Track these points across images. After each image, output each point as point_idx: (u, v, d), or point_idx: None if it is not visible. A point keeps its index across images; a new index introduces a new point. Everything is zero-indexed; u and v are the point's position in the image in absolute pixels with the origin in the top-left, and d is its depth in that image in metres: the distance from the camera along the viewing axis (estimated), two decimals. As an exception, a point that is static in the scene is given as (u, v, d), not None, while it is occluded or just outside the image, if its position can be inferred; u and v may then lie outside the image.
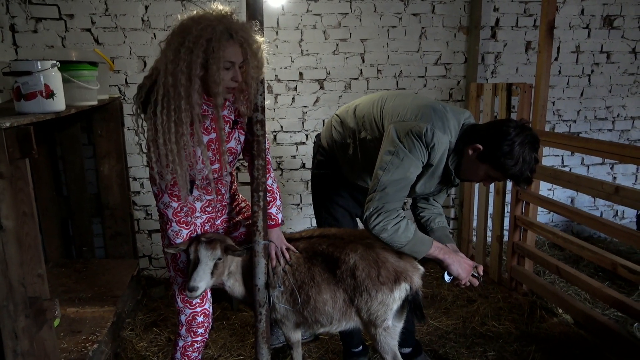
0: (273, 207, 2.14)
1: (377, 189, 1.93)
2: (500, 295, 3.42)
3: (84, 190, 3.49)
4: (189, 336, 2.15)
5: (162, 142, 1.74)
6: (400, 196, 1.94)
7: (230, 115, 1.97)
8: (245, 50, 1.73)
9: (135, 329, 3.12)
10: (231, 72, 1.74)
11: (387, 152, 1.94)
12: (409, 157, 1.90)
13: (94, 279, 3.17)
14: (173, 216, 1.99)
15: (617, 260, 2.49)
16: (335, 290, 2.09)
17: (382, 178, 1.92)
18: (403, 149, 1.90)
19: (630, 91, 4.43)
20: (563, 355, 2.70)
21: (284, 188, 4.00)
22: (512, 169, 1.81)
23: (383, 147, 1.97)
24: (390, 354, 2.14)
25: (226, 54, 1.70)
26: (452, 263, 2.02)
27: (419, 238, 1.96)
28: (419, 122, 1.92)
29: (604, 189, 2.50)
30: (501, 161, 1.82)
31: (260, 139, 1.98)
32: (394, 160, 1.91)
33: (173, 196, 1.96)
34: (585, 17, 4.18)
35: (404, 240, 1.92)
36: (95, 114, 3.27)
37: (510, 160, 1.80)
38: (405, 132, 1.91)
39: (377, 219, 1.91)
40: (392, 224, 1.90)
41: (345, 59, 3.85)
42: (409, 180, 1.94)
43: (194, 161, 1.89)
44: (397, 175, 1.91)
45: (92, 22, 3.45)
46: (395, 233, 1.91)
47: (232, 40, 1.70)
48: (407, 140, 1.91)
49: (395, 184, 1.91)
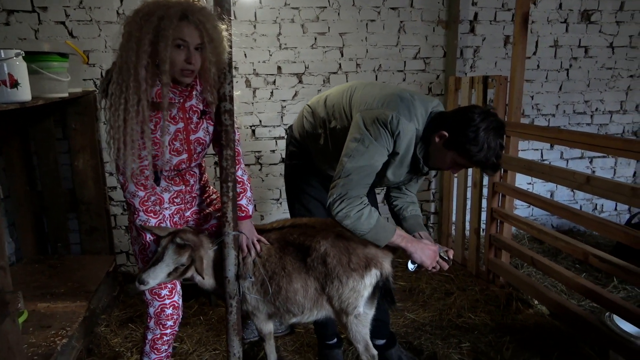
0: (243, 198, 2.13)
1: (342, 175, 1.92)
2: (478, 287, 3.43)
3: (59, 185, 3.44)
4: (157, 329, 2.12)
5: (112, 121, 1.73)
6: (365, 183, 1.93)
7: (198, 105, 1.94)
8: (202, 32, 1.71)
9: (110, 325, 3.08)
10: (184, 53, 1.72)
11: (353, 139, 1.93)
12: (374, 145, 1.89)
13: (68, 275, 3.13)
14: (140, 205, 1.97)
15: (589, 250, 2.51)
16: (307, 279, 2.08)
17: (346, 165, 1.91)
18: (369, 137, 1.90)
19: (608, 85, 4.46)
20: (537, 345, 2.71)
21: (263, 183, 3.98)
22: (476, 155, 1.80)
23: (349, 135, 1.97)
24: (362, 342, 2.13)
25: (177, 32, 1.67)
26: (415, 251, 2.01)
27: (382, 225, 1.96)
28: (385, 110, 1.91)
29: (576, 179, 2.51)
30: (466, 147, 1.81)
31: (228, 129, 1.96)
32: (359, 148, 1.90)
33: (139, 185, 1.93)
34: (563, 11, 4.20)
35: (367, 228, 1.91)
36: (69, 107, 3.23)
37: (475, 146, 1.79)
38: (372, 120, 1.91)
39: (340, 205, 1.90)
40: (355, 211, 1.89)
41: (324, 53, 3.84)
42: (374, 168, 1.93)
43: (161, 151, 1.87)
44: (362, 162, 1.90)
45: (66, 14, 3.40)
46: (358, 220, 1.90)
47: (187, 21, 1.69)
48: (373, 128, 1.90)
49: (359, 171, 1.90)
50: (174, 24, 1.65)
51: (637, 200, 2.16)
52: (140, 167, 1.87)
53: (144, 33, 1.65)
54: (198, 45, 1.74)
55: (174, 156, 1.93)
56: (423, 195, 4.32)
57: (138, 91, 1.71)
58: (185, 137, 1.93)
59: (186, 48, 1.71)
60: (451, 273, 3.68)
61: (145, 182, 1.92)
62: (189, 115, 1.91)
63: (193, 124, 1.93)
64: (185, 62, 1.72)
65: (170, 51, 1.68)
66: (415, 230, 2.22)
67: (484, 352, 2.67)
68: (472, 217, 3.64)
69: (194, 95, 1.92)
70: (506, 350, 2.66)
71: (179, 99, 1.87)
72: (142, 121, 1.76)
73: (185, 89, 1.87)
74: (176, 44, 1.69)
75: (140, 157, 1.84)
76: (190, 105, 1.91)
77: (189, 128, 1.92)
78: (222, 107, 1.93)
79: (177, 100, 1.87)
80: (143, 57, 1.68)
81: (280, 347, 2.81)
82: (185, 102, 1.90)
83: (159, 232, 1.99)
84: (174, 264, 1.95)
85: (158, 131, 1.84)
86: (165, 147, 1.87)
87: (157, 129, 1.84)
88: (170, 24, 1.64)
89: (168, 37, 1.65)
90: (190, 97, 1.90)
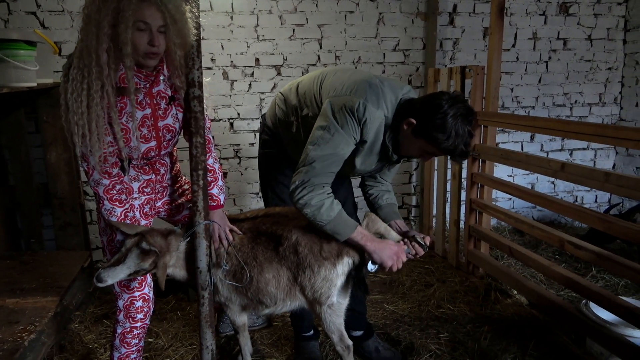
0: (215, 187, 2.08)
1: (306, 163, 1.88)
2: (458, 279, 3.42)
3: (31, 180, 3.36)
4: (127, 322, 2.07)
5: (75, 107, 1.67)
6: (329, 172, 1.90)
7: (166, 90, 1.90)
8: (164, 13, 1.66)
9: (84, 321, 3.02)
10: (146, 35, 1.67)
11: (319, 127, 1.90)
12: (340, 133, 1.86)
13: (40, 271, 3.05)
14: (104, 194, 1.91)
15: (564, 237, 2.51)
16: (279, 269, 2.04)
17: (310, 153, 1.88)
18: (335, 124, 1.86)
19: (587, 78, 4.49)
20: (515, 334, 2.70)
21: (242, 176, 3.93)
22: (444, 142, 1.77)
23: (317, 122, 1.93)
24: (337, 333, 2.10)
25: (138, 14, 1.63)
26: (374, 250, 1.93)
27: (343, 220, 1.90)
28: (353, 97, 1.87)
29: (551, 167, 2.51)
30: (433, 135, 1.78)
31: (198, 116, 1.91)
32: (324, 136, 1.87)
33: (104, 173, 1.88)
34: (542, 3, 4.22)
35: (326, 219, 1.87)
36: (39, 99, 3.15)
37: (442, 134, 1.76)
38: (339, 107, 1.87)
39: (302, 193, 1.86)
40: (315, 199, 1.85)
41: (303, 45, 3.80)
42: (339, 157, 1.89)
43: (128, 137, 1.82)
44: (326, 150, 1.86)
45: (37, 4, 3.33)
46: (318, 210, 1.85)
47: (148, 2, 1.64)
48: (340, 115, 1.86)
49: (323, 159, 1.86)
50: (134, 4, 1.60)
51: (610, 185, 2.16)
52: (104, 155, 1.82)
53: (103, 15, 1.60)
54: (161, 27, 1.69)
55: (142, 143, 1.88)
56: (404, 188, 4.31)
57: (101, 76, 1.67)
58: (153, 124, 1.88)
59: (148, 30, 1.66)
60: (431, 265, 3.67)
61: (110, 170, 1.87)
62: (156, 101, 1.87)
63: (161, 110, 1.89)
64: (148, 44, 1.68)
65: (132, 33, 1.63)
66: (392, 219, 2.19)
67: (462, 342, 2.66)
68: (451, 209, 3.64)
69: (161, 81, 1.87)
70: (484, 339, 2.65)
71: (144, 84, 1.82)
72: (108, 106, 1.72)
73: (150, 73, 1.82)
74: (138, 26, 1.64)
75: (105, 144, 1.79)
76: (158, 90, 1.87)
77: (156, 114, 1.88)
78: (191, 94, 1.89)
79: (143, 85, 1.82)
80: (104, 40, 1.63)
81: (257, 340, 2.77)
82: (153, 87, 1.85)
83: (127, 230, 1.94)
84: (135, 268, 1.91)
85: (124, 117, 1.80)
86: (133, 133, 1.82)
87: (122, 114, 1.79)
88: (129, 5, 1.60)
89: (128, 18, 1.60)
90: (157, 83, 1.86)
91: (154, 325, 2.96)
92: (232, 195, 3.95)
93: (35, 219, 3.43)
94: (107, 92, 1.70)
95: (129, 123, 1.81)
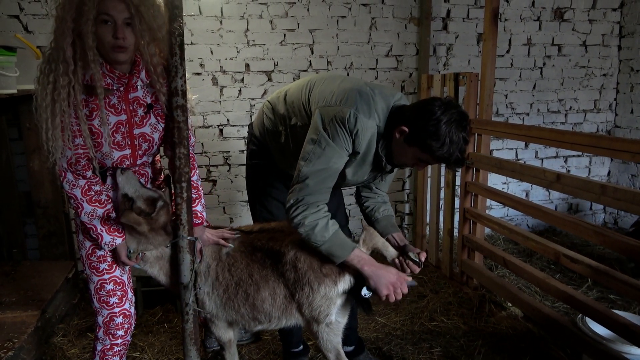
0: (199, 204, 2.01)
1: (299, 180, 1.80)
2: (451, 290, 3.35)
3: (13, 187, 3.27)
4: (107, 339, 1.99)
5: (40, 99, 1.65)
6: (323, 187, 1.82)
7: (145, 98, 1.83)
8: (129, 5, 1.62)
9: (68, 335, 2.93)
10: (111, 28, 1.63)
11: (310, 140, 1.82)
12: (332, 146, 1.78)
13: (22, 283, 2.96)
14: (83, 195, 1.82)
15: (560, 250, 2.44)
16: (275, 287, 1.95)
17: (303, 169, 1.80)
18: (326, 138, 1.78)
19: (581, 84, 4.45)
20: (509, 348, 2.64)
21: (232, 184, 3.85)
22: (439, 150, 1.70)
23: (307, 135, 1.85)
24: (333, 351, 2.01)
25: (100, 6, 1.60)
26: (370, 276, 1.82)
27: (340, 241, 1.82)
28: (343, 107, 1.79)
29: (547, 177, 2.45)
30: (427, 143, 1.70)
31: (181, 126, 1.83)
32: (315, 150, 1.79)
33: (77, 174, 1.80)
34: (536, 9, 4.17)
35: (320, 240, 1.78)
36: (21, 105, 3.07)
37: (436, 141, 1.69)
38: (330, 119, 1.80)
39: (295, 212, 1.79)
40: (310, 219, 1.77)
41: (294, 50, 3.73)
42: (333, 171, 1.81)
43: (99, 142, 1.76)
44: (318, 165, 1.78)
45: (20, 8, 3.24)
46: (312, 230, 1.77)
47: None
48: (330, 127, 1.79)
49: (316, 175, 1.78)
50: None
51: (606, 198, 2.10)
52: (76, 155, 1.75)
53: (67, 10, 1.60)
54: (127, 20, 1.65)
55: (116, 150, 1.81)
56: (397, 196, 4.24)
57: (67, 71, 1.64)
58: (128, 131, 1.82)
59: (113, 23, 1.63)
60: (425, 275, 3.60)
61: (84, 173, 1.80)
62: (132, 107, 1.80)
63: (138, 117, 1.82)
64: (113, 37, 1.64)
65: (97, 27, 1.61)
66: (389, 232, 2.11)
67: (455, 357, 2.59)
68: (445, 218, 3.57)
69: (139, 87, 1.81)
70: (478, 354, 2.58)
71: (117, 86, 1.76)
72: (74, 104, 1.68)
73: (124, 75, 1.75)
74: (102, 19, 1.61)
75: (75, 144, 1.73)
76: (135, 97, 1.81)
77: (132, 121, 1.81)
78: (174, 103, 1.81)
79: (115, 86, 1.75)
80: (67, 34, 1.61)
81: (244, 355, 2.69)
82: (129, 92, 1.79)
83: None
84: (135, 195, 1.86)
85: (96, 119, 1.75)
86: (105, 138, 1.75)
87: (94, 116, 1.74)
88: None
89: (88, 11, 1.58)
90: (134, 88, 1.80)
91: (139, 339, 2.87)
92: (221, 203, 3.87)
93: (18, 228, 3.34)
94: (73, 87, 1.66)
95: (101, 127, 1.75)
